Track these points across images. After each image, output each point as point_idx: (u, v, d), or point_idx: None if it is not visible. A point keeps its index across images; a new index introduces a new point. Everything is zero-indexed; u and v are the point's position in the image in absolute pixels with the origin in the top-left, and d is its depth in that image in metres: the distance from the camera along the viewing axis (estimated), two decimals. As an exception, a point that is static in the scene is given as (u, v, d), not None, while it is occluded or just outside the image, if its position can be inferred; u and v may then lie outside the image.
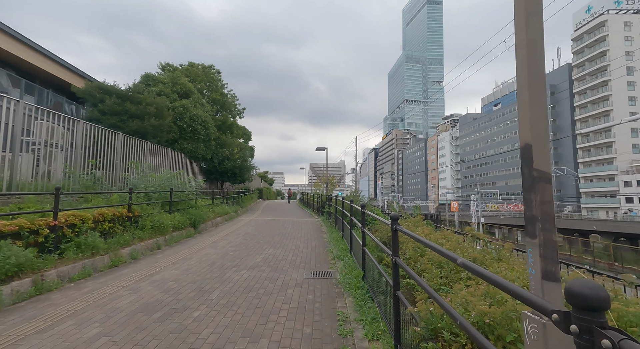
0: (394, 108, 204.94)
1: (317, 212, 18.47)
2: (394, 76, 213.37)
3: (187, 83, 18.41)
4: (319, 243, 8.39)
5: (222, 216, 12.92)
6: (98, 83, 12.77)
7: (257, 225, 12.38)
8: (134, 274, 5.01)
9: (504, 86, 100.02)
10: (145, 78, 17.61)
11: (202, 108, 18.57)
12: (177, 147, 16.62)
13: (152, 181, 9.28)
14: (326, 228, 11.31)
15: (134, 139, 12.00)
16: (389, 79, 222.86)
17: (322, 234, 10.14)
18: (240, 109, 24.92)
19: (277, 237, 9.27)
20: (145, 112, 12.97)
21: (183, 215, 9.03)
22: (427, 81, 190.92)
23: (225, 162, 19.24)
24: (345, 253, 6.58)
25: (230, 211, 14.80)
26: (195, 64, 22.32)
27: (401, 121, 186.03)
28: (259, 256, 6.59)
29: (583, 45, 58.85)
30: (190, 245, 7.65)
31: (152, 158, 13.46)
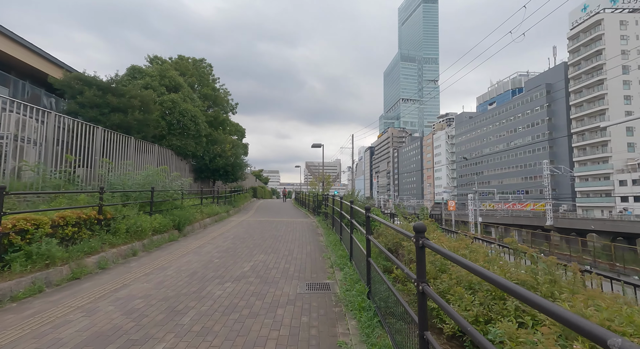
0: (390, 107, 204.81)
1: (313, 212, 17.74)
2: (389, 75, 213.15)
3: (177, 76, 17.52)
4: (315, 247, 7.66)
5: (212, 217, 12.13)
6: (77, 73, 11.87)
7: (249, 226, 11.61)
8: (96, 289, 4.23)
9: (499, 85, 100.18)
10: (131, 71, 16.68)
11: (193, 103, 17.71)
12: (165, 143, 15.76)
13: (133, 179, 8.45)
14: (322, 230, 10.58)
15: (115, 134, 11.13)
16: (385, 78, 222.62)
17: (318, 236, 9.41)
18: (233, 105, 24.04)
19: (269, 240, 8.51)
20: (129, 105, 12.10)
21: (166, 217, 8.23)
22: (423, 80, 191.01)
23: (216, 159, 18.39)
24: (344, 260, 5.85)
25: (221, 211, 14.00)
26: (185, 58, 21.39)
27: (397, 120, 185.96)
28: (248, 264, 5.84)
29: (579, 43, 58.75)
30: (171, 251, 6.86)
31: (136, 155, 12.60)
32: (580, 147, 58.82)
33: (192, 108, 16.66)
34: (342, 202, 7.84)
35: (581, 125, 58.55)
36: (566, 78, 61.65)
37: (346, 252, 6.32)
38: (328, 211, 10.88)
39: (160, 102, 15.70)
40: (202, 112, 19.10)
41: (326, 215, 11.99)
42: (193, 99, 18.04)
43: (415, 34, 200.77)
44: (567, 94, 61.15)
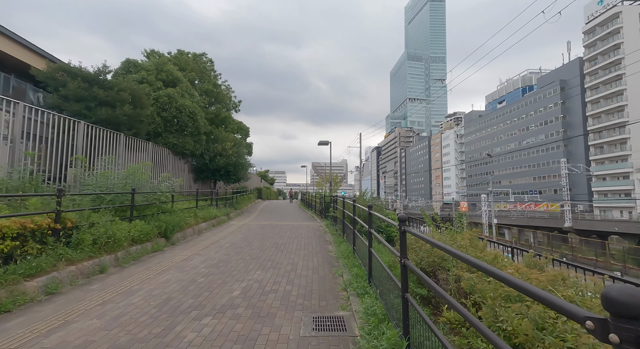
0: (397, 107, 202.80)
1: (320, 214, 16.50)
2: (396, 74, 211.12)
3: (174, 70, 16.46)
4: (323, 260, 6.43)
5: (208, 221, 10.98)
6: (61, 64, 10.84)
7: (249, 231, 10.42)
8: (20, 332, 3.05)
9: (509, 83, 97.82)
10: (126, 65, 15.67)
11: (192, 98, 16.63)
12: (161, 141, 14.70)
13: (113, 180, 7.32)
14: (331, 237, 9.34)
15: (101, 130, 10.07)
16: (391, 77, 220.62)
17: (327, 244, 8.18)
18: (235, 102, 22.96)
19: (270, 250, 7.30)
20: (118, 98, 11.02)
21: (150, 223, 7.08)
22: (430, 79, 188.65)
23: (217, 158, 17.29)
24: (362, 281, 4.60)
25: (220, 214, 12.86)
26: (185, 52, 20.36)
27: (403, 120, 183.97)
28: (239, 285, 4.63)
29: (595, 38, 56.52)
30: (150, 265, 5.69)
31: (127, 154, 11.54)
32: (597, 145, 56.55)
33: (190, 104, 15.58)
34: (355, 205, 6.60)
35: (598, 122, 56.30)
36: (582, 74, 59.40)
37: (363, 270, 5.07)
38: (337, 215, 9.64)
39: (155, 97, 14.64)
40: (202, 108, 18.02)
41: (334, 219, 10.75)
42: (192, 95, 16.97)
43: (422, 32, 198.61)
44: (583, 91, 58.91)
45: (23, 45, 11.59)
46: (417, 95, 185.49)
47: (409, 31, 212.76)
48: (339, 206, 9.56)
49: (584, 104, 58.87)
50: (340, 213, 9.25)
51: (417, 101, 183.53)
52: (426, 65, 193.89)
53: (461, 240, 3.94)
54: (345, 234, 8.06)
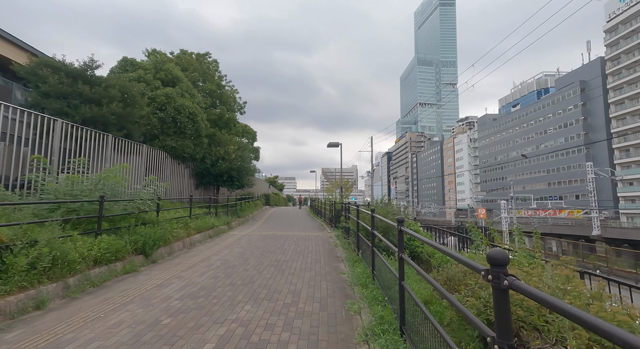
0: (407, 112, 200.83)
1: (330, 223, 15.10)
2: (406, 79, 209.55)
3: (175, 69, 15.49)
4: (334, 286, 5.03)
5: (204, 232, 9.70)
6: (43, 58, 9.87)
7: (249, 244, 9.10)
8: None
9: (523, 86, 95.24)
10: (122, 63, 14.77)
11: (193, 99, 15.60)
12: (158, 144, 13.64)
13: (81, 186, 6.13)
14: (342, 251, 7.93)
15: (84, 130, 8.97)
16: (401, 82, 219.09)
17: (338, 262, 6.78)
18: (240, 104, 21.92)
19: (268, 271, 5.95)
20: (106, 95, 9.96)
21: (123, 237, 5.83)
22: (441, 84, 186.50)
23: (219, 162, 16.13)
24: (390, 331, 3.17)
25: (219, 223, 11.60)
26: (188, 52, 19.48)
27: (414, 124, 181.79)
28: (215, 332, 3.28)
29: (618, 36, 54.02)
30: (110, 295, 4.40)
31: (116, 157, 10.43)
32: (622, 148, 53.61)
33: (190, 104, 14.53)
34: (374, 217, 5.20)
35: (622, 124, 53.48)
36: (603, 75, 56.78)
37: (389, 310, 3.65)
38: (350, 226, 8.23)
39: (152, 96, 13.63)
40: (204, 110, 16.98)
41: (346, 230, 9.32)
42: (193, 95, 15.94)
43: (432, 37, 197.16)
44: (605, 91, 56.22)
45: (3, 37, 10.69)
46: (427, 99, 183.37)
47: (419, 36, 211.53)
48: (352, 215, 8.15)
49: (606, 106, 56.15)
50: (353, 224, 7.83)
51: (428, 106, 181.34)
52: (437, 70, 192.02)
53: (555, 281, 2.48)
54: (361, 250, 6.65)
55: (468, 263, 1.77)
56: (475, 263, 1.68)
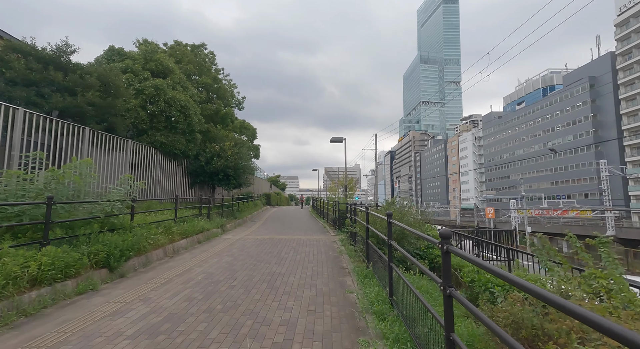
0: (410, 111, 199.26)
1: (333, 225, 13.96)
2: (409, 78, 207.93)
3: (166, 60, 14.39)
4: (341, 313, 3.88)
5: (191, 237, 8.60)
6: (12, 42, 8.80)
7: (241, 251, 7.99)
8: None
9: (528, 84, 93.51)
10: (109, 53, 13.70)
11: (185, 92, 14.50)
12: (147, 139, 12.55)
13: (24, 184, 5.03)
14: (349, 261, 6.79)
15: (54, 121, 7.88)
16: (404, 81, 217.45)
17: (344, 276, 5.64)
18: (239, 99, 20.80)
19: (258, 289, 4.82)
20: (82, 84, 8.87)
21: (80, 248, 4.72)
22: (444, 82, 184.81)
23: (214, 160, 15.02)
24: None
25: (211, 226, 10.49)
26: (182, 43, 18.37)
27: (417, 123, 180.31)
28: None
29: (629, 30, 52.39)
30: (36, 334, 3.27)
31: (95, 152, 9.35)
32: (634, 146, 51.99)
33: (183, 97, 13.42)
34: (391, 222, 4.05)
35: (634, 121, 51.89)
36: (614, 70, 55.15)
37: None
38: (357, 230, 7.07)
39: (140, 88, 12.54)
40: (198, 104, 15.88)
41: (353, 235, 8.17)
42: (186, 88, 14.85)
43: (435, 35, 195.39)
44: (616, 87, 54.59)
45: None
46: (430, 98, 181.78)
47: (422, 34, 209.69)
48: (360, 218, 6.99)
49: (617, 102, 54.54)
50: (361, 229, 6.68)
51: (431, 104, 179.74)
52: (440, 68, 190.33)
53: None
54: (372, 262, 5.50)
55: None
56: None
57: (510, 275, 1.59)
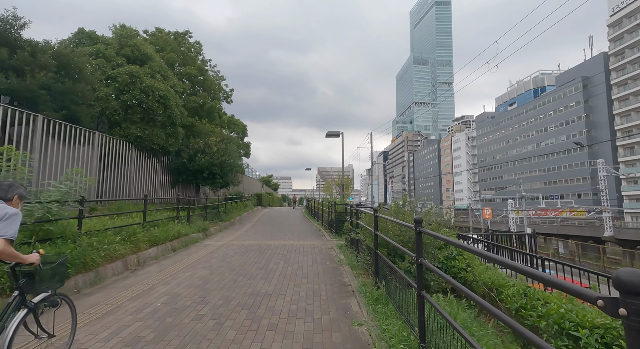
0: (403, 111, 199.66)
1: (329, 228, 12.75)
2: (402, 79, 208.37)
3: (144, 45, 13.01)
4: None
5: (163, 245, 7.28)
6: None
7: (222, 261, 6.71)
8: None
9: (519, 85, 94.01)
10: (78, 36, 12.27)
11: (166, 81, 13.14)
12: (120, 132, 11.16)
13: None
14: (352, 275, 5.58)
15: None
16: (397, 82, 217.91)
17: (348, 299, 4.42)
18: (227, 92, 19.43)
19: (235, 321, 3.57)
20: (34, 63, 7.48)
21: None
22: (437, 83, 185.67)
23: (197, 156, 13.66)
24: None
25: (190, 231, 9.18)
26: (165, 31, 16.94)
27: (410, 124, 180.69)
28: None
29: (622, 30, 52.45)
30: None
31: (54, 145, 7.97)
32: (626, 146, 52.06)
33: (162, 86, 12.05)
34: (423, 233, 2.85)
35: (627, 121, 51.95)
36: (607, 70, 55.22)
37: None
38: (361, 237, 5.86)
39: (113, 75, 11.15)
40: (180, 95, 14.52)
41: (354, 243, 6.95)
42: (167, 77, 13.47)
43: (428, 36, 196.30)
44: (609, 87, 54.65)
45: None
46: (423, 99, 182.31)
47: (415, 35, 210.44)
48: (364, 223, 5.78)
49: (610, 102, 54.60)
50: (367, 236, 5.47)
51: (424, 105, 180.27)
52: (432, 69, 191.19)
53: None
54: (383, 278, 4.30)
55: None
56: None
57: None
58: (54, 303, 2.59)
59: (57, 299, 2.63)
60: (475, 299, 1.93)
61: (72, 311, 2.83)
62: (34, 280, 2.35)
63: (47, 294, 2.50)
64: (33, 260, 2.24)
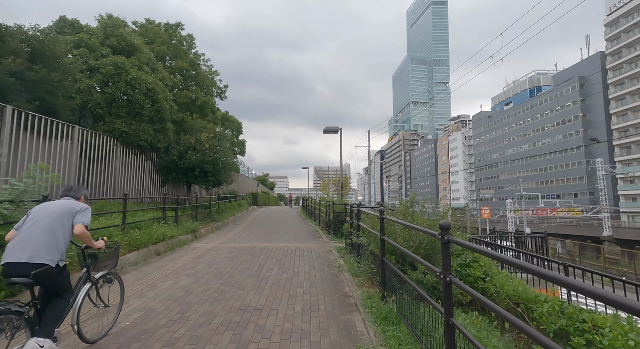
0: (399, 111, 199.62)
1: (327, 229, 12.15)
2: (398, 78, 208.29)
3: (130, 35, 12.29)
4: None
5: (144, 249, 6.61)
6: None
7: (210, 267, 6.08)
8: None
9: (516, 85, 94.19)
10: (59, 24, 11.53)
11: (155, 74, 12.43)
12: (103, 127, 10.45)
13: None
14: (353, 284, 4.97)
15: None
16: (394, 81, 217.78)
17: (351, 313, 3.81)
18: (221, 87, 18.72)
19: (215, 348, 2.95)
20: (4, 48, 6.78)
21: None
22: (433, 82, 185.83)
23: (188, 153, 12.97)
24: None
25: (178, 233, 8.53)
26: (155, 23, 16.20)
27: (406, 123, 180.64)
28: None
29: (619, 30, 52.42)
30: None
31: (27, 139, 7.27)
32: (623, 145, 52.06)
33: (150, 79, 11.35)
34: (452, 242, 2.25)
35: (623, 120, 51.95)
36: (603, 69, 55.17)
37: None
38: (363, 242, 5.24)
39: (96, 65, 10.44)
40: (170, 89, 13.81)
41: (356, 247, 6.34)
42: (156, 70, 12.76)
43: (425, 36, 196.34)
44: (606, 87, 54.63)
45: None
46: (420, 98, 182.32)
47: (411, 34, 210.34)
48: (368, 225, 5.17)
49: (606, 101, 54.60)
50: (371, 241, 4.85)
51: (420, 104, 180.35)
52: (429, 68, 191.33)
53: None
54: (392, 291, 3.70)
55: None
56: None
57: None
58: (110, 279, 3.26)
59: (112, 277, 3.29)
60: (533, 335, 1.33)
61: (122, 287, 3.50)
62: (96, 260, 2.96)
63: (105, 272, 3.14)
64: (100, 245, 2.86)
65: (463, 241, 2.09)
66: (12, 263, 2.27)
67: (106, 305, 3.18)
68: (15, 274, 2.25)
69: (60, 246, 2.45)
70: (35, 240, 2.36)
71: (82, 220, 2.60)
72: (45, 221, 2.47)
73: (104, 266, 3.08)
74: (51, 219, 2.49)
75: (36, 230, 2.41)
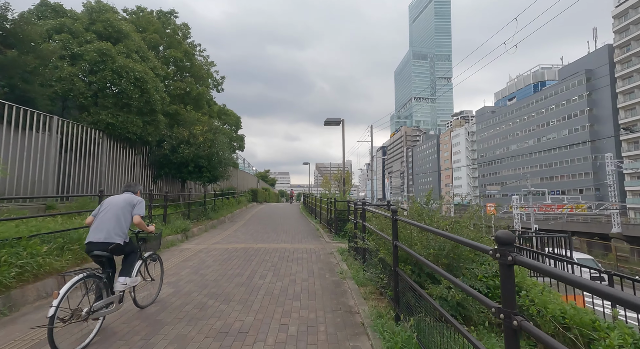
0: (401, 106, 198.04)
1: (328, 227, 11.43)
2: (400, 73, 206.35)
3: (118, 22, 11.49)
4: None
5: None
6: None
7: (195, 273, 5.36)
8: None
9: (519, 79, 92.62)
10: (40, 9, 10.74)
11: (146, 63, 11.66)
12: (88, 118, 9.71)
13: None
14: (359, 296, 4.23)
15: None
16: (396, 77, 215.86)
17: (357, 338, 3.09)
18: (217, 79, 17.90)
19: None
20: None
21: None
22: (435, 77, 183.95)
23: (181, 147, 12.22)
24: None
25: (166, 233, 7.81)
26: (147, 10, 15.38)
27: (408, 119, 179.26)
28: None
29: (628, 22, 51.04)
30: None
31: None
32: (630, 140, 50.96)
33: (138, 67, 10.57)
34: (519, 262, 1.51)
35: (631, 115, 50.79)
36: (611, 63, 53.84)
37: None
38: (370, 246, 4.48)
39: (80, 52, 9.67)
40: (162, 79, 13.04)
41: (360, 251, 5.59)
42: (146, 58, 11.98)
43: (427, 30, 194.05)
44: (613, 80, 53.35)
45: None
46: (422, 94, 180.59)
47: (414, 29, 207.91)
48: (375, 227, 4.42)
49: (614, 95, 53.35)
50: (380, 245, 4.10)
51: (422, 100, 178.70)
52: (431, 64, 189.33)
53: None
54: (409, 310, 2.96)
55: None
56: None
57: None
58: (154, 258, 4.13)
59: (155, 256, 4.14)
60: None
61: (161, 266, 4.32)
62: (146, 242, 3.78)
63: (151, 252, 3.98)
64: (152, 229, 3.66)
65: (539, 263, 1.34)
66: (93, 242, 3.05)
67: (152, 279, 4.01)
68: (96, 249, 3.03)
69: (124, 229, 3.23)
70: (107, 225, 3.13)
71: (138, 211, 3.35)
72: (113, 210, 3.23)
73: (151, 247, 3.89)
74: (117, 208, 3.25)
75: (107, 217, 3.18)
